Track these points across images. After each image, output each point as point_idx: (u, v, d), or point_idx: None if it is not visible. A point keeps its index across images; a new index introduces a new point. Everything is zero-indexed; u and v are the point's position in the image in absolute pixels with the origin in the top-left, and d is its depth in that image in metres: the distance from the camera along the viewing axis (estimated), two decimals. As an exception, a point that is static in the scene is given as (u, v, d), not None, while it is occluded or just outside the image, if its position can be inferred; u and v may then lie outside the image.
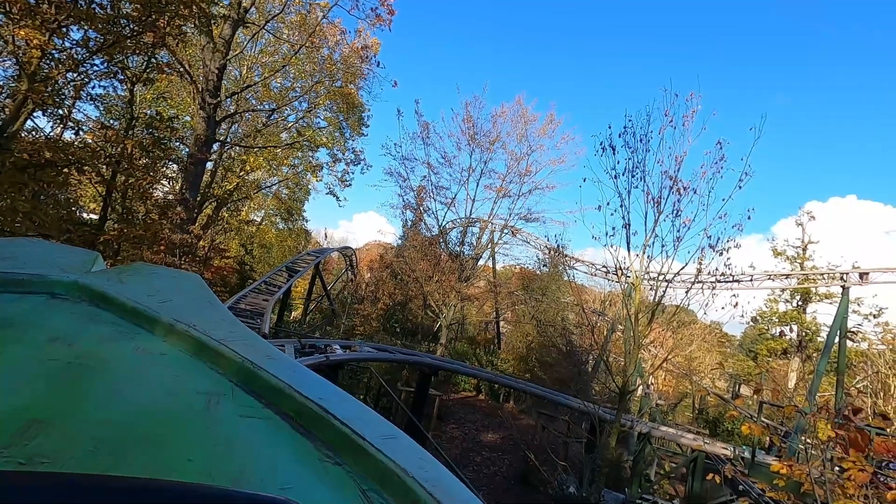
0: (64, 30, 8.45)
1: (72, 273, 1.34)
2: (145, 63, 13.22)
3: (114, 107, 17.53)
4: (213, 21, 15.67)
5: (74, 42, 9.43)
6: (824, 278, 24.08)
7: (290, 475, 0.80)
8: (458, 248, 27.46)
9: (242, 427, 0.91)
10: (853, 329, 25.77)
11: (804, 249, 36.36)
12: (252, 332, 1.34)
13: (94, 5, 9.03)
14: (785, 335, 35.27)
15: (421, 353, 18.88)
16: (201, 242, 18.14)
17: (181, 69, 16.36)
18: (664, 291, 11.82)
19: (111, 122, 16.36)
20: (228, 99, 20.56)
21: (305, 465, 0.84)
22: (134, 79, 13.03)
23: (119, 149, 11.91)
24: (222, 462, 0.78)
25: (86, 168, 10.10)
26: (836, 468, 4.98)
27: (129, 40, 9.39)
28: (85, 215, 15.40)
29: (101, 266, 1.54)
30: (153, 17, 9.55)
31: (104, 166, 11.86)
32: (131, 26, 9.64)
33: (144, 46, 10.57)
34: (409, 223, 28.84)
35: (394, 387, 15.87)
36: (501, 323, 30.21)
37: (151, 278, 1.58)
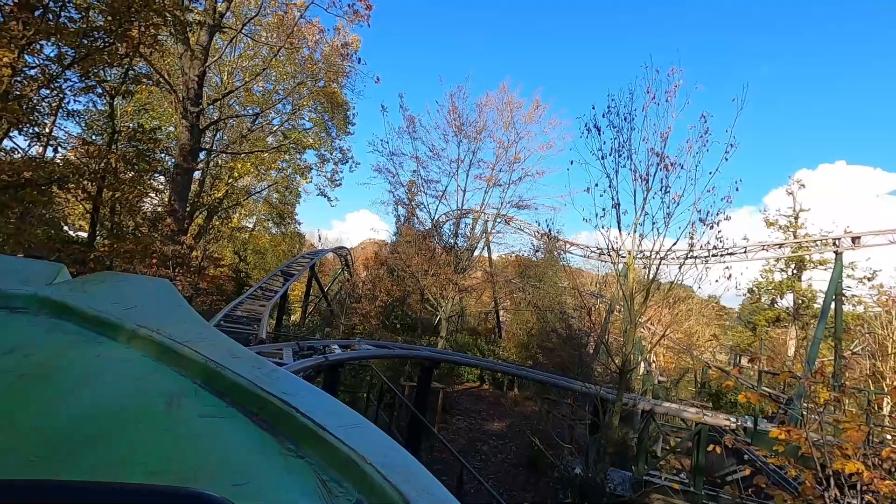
0: (34, 46, 8.33)
1: (32, 286, 1.32)
2: (123, 75, 13.09)
3: (94, 122, 17.36)
4: (188, 28, 15.51)
5: (47, 58, 9.31)
6: (817, 245, 24.26)
7: (248, 470, 0.80)
8: (453, 241, 27.45)
9: (202, 426, 0.90)
10: (845, 291, 25.92)
11: (796, 218, 36.61)
12: (219, 332, 1.33)
13: (63, 19, 8.91)
14: (776, 304, 35.53)
15: (421, 348, 18.92)
16: (194, 253, 18.07)
17: (160, 79, 16.21)
18: (658, 269, 11.88)
19: (93, 137, 16.19)
20: (211, 106, 20.41)
21: (265, 460, 0.84)
22: (113, 92, 12.91)
23: (103, 164, 11.81)
24: (176, 461, 0.77)
25: (70, 185, 10.01)
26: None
27: (102, 52, 9.27)
28: (73, 233, 15.31)
29: (66, 277, 1.52)
30: (124, 26, 9.43)
31: (89, 182, 11.76)
32: (103, 38, 9.52)
33: (119, 57, 10.44)
34: (402, 219, 28.79)
35: (396, 383, 15.91)
36: (501, 312, 30.29)
37: (118, 286, 1.57)
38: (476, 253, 28.60)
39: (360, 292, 27.49)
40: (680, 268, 12.00)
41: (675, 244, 11.80)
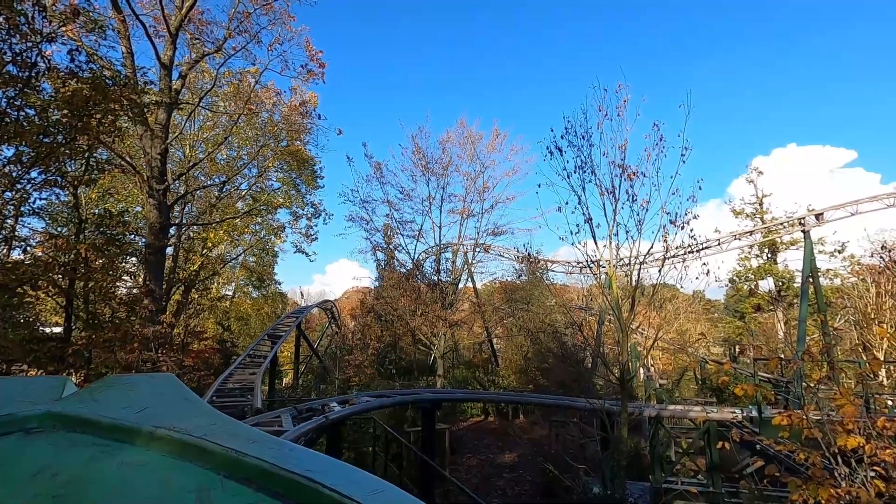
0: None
1: (42, 404, 1.36)
2: (84, 164, 13.07)
3: (59, 214, 17.13)
4: (146, 109, 15.68)
5: (6, 159, 9.29)
6: (784, 227, 25.13)
7: None
8: (436, 277, 27.52)
9: None
10: (819, 267, 26.71)
11: (760, 204, 37.97)
12: (233, 420, 1.37)
13: (20, 120, 8.95)
14: (755, 292, 36.26)
15: (420, 390, 18.64)
16: (176, 330, 17.65)
17: (122, 163, 16.22)
18: (638, 274, 12.14)
19: (58, 229, 15.96)
20: (176, 181, 20.40)
21: None
22: (76, 182, 12.84)
23: (72, 255, 11.62)
24: None
25: (40, 283, 9.81)
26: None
27: (63, 147, 9.31)
28: (48, 330, 14.84)
29: (72, 389, 1.55)
30: (84, 120, 9.51)
31: (59, 276, 11.53)
32: (63, 133, 9.57)
33: (80, 149, 10.48)
34: (382, 263, 28.82)
35: (400, 430, 15.56)
36: (494, 340, 30.16)
37: (125, 389, 1.60)
38: (460, 285, 28.70)
39: (350, 343, 27.12)
40: (660, 270, 12.29)
41: (650, 248, 12.13)
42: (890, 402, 16.09)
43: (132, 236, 16.78)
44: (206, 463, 1.14)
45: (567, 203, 12.29)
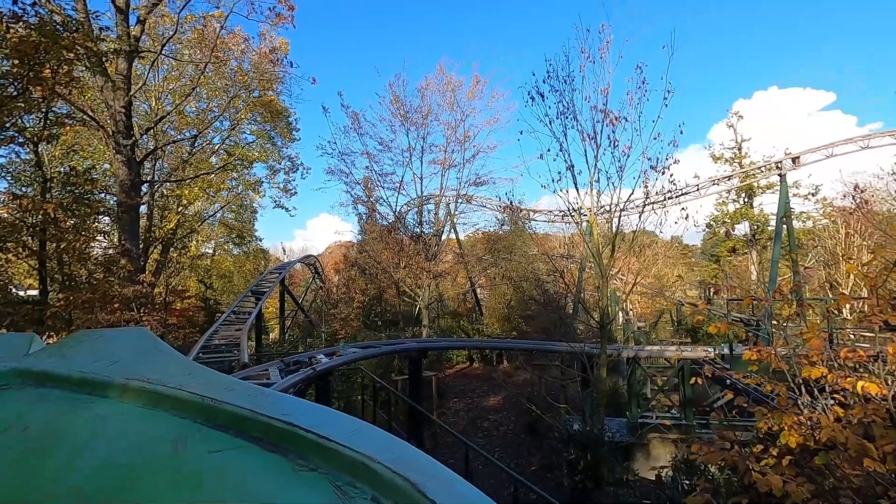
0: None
1: (9, 361, 1.32)
2: (43, 119, 12.39)
3: (22, 173, 16.39)
4: (104, 58, 14.72)
5: (-44, 115, 8.73)
6: (762, 171, 25.41)
7: (266, 491, 0.85)
8: (418, 229, 27.44)
9: (212, 461, 0.95)
10: (793, 209, 27.36)
11: (739, 149, 38.19)
12: (209, 370, 1.36)
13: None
14: (730, 234, 37.07)
15: (406, 340, 19.02)
16: (157, 290, 17.46)
17: (84, 117, 15.40)
18: (619, 221, 12.28)
19: (23, 189, 15.31)
20: (144, 136, 19.49)
21: (279, 479, 0.89)
22: (35, 138, 12.22)
23: (40, 216, 11.22)
24: (195, 497, 0.82)
25: (8, 244, 9.49)
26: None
27: (16, 100, 8.75)
28: (23, 293, 14.55)
29: (40, 345, 1.51)
30: (35, 69, 8.90)
31: (29, 238, 11.18)
32: (14, 84, 8.97)
33: (36, 102, 9.87)
34: (364, 216, 28.54)
35: (388, 379, 15.98)
36: (477, 290, 30.63)
37: (95, 343, 1.57)
38: (444, 237, 28.71)
39: (335, 297, 27.27)
40: (640, 216, 12.43)
41: (631, 195, 12.22)
42: (852, 336, 17.01)
43: (102, 194, 16.23)
44: (183, 412, 1.12)
45: (549, 150, 12.21)
